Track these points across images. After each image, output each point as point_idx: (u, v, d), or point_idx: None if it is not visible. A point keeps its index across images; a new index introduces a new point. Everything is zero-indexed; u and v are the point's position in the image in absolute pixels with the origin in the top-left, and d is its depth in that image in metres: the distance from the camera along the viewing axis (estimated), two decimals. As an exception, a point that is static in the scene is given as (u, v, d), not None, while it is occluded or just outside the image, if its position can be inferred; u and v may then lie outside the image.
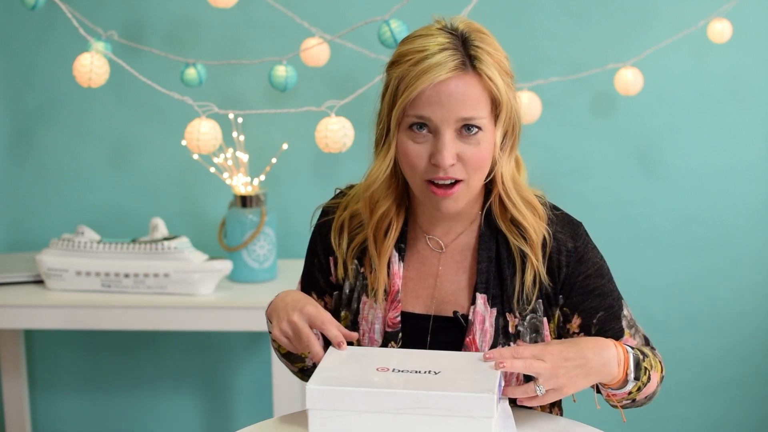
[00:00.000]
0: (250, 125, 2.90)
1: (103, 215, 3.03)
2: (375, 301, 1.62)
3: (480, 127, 1.51)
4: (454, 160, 1.50)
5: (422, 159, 1.52)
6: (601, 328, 1.62)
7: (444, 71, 1.49)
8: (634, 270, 3.00)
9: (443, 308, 1.62)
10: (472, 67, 1.50)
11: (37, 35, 2.95)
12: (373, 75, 2.59)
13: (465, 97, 1.49)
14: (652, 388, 1.59)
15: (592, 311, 1.61)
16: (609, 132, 2.95)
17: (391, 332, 1.61)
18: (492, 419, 1.35)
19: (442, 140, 1.50)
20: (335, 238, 1.68)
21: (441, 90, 1.49)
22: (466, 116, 1.50)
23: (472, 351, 1.57)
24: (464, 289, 1.62)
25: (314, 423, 1.39)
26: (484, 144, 1.52)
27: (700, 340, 3.05)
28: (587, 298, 1.61)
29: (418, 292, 1.64)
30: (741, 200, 2.98)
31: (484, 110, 1.51)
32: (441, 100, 1.49)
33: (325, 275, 1.72)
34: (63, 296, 2.66)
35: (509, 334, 1.59)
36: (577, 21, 2.89)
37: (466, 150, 1.51)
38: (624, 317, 1.64)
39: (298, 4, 2.81)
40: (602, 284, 1.62)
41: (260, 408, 3.12)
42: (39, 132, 3.01)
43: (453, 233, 1.64)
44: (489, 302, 1.59)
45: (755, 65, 2.91)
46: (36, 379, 3.15)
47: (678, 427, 3.09)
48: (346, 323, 1.66)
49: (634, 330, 1.64)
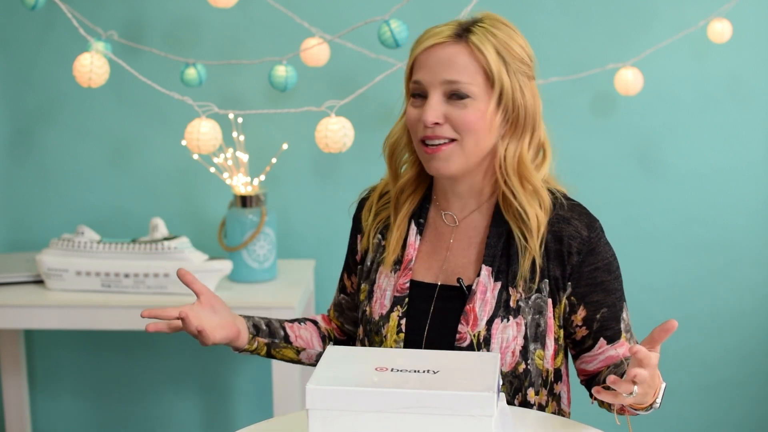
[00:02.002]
0: (250, 125, 2.90)
1: (103, 215, 3.03)
2: (391, 271, 1.73)
3: (468, 94, 1.62)
4: (437, 119, 1.62)
5: (417, 121, 1.65)
6: (603, 325, 1.66)
7: (436, 38, 1.63)
8: (634, 270, 2.99)
9: (451, 278, 1.70)
10: (465, 40, 1.62)
11: (37, 35, 2.95)
12: (373, 75, 2.60)
13: (451, 61, 1.62)
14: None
15: (597, 305, 1.65)
16: (609, 132, 2.95)
17: (399, 297, 1.71)
18: (492, 418, 1.35)
19: (429, 101, 1.63)
20: (366, 213, 1.81)
21: (430, 54, 1.63)
22: (450, 79, 1.61)
23: (471, 319, 1.64)
24: (472, 262, 1.70)
25: (314, 423, 1.39)
26: (472, 109, 1.62)
27: (700, 340, 3.05)
28: (594, 290, 1.65)
29: (430, 263, 1.73)
30: (741, 200, 2.98)
31: (472, 78, 1.62)
32: (428, 63, 1.63)
33: (353, 254, 1.84)
34: (63, 296, 2.66)
35: (510, 308, 1.64)
36: (577, 21, 2.90)
37: (453, 111, 1.62)
38: (623, 320, 1.68)
39: (298, 4, 2.81)
40: (609, 280, 1.66)
41: (260, 408, 3.12)
42: (39, 132, 3.01)
43: (467, 210, 1.73)
44: (493, 275, 1.66)
45: (755, 65, 2.91)
46: (36, 379, 3.15)
47: (678, 427, 3.09)
48: (364, 295, 1.77)
49: (629, 335, 1.68)
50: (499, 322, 1.64)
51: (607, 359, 1.67)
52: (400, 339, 1.69)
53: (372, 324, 1.73)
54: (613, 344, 1.67)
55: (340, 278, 1.90)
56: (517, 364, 1.63)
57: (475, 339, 1.64)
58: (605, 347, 1.67)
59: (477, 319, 1.64)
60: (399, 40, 2.44)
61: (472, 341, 1.64)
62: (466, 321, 1.64)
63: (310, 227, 3.01)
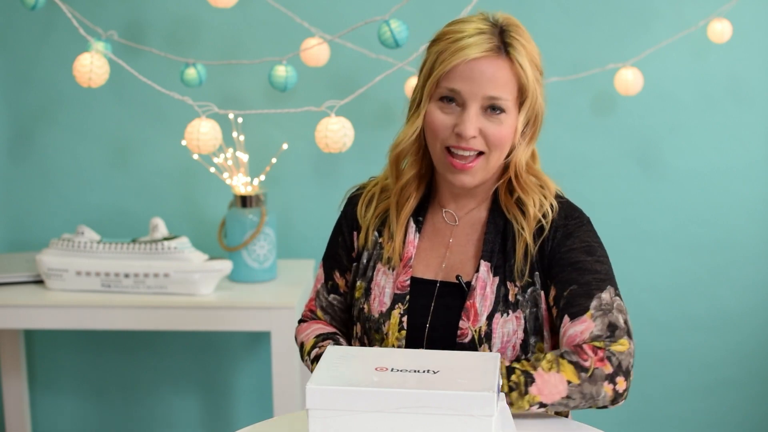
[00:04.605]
0: (250, 125, 2.90)
1: (103, 215, 3.03)
2: (389, 268, 1.73)
3: (504, 109, 1.64)
4: (475, 133, 1.63)
5: (446, 128, 1.65)
6: (568, 302, 1.62)
7: (479, 50, 1.63)
8: (634, 270, 3.00)
9: (450, 275, 1.72)
10: (506, 53, 1.64)
11: (37, 35, 2.95)
12: (373, 75, 2.59)
13: (494, 77, 1.63)
14: (557, 388, 1.52)
15: (566, 283, 1.63)
16: (609, 132, 2.95)
17: (400, 294, 1.72)
18: (492, 418, 1.35)
19: (468, 113, 1.63)
20: (362, 210, 1.80)
21: (474, 67, 1.63)
22: (493, 95, 1.63)
23: (471, 314, 1.65)
24: (471, 258, 1.72)
25: (314, 423, 1.39)
26: (506, 125, 1.65)
27: (700, 340, 3.05)
28: (565, 269, 1.65)
29: (429, 260, 1.74)
30: (741, 200, 2.98)
31: (510, 94, 1.65)
32: (472, 76, 1.63)
33: (348, 252, 1.82)
34: (63, 296, 2.66)
35: (509, 302, 1.66)
36: (577, 21, 2.89)
37: (489, 126, 1.64)
38: (599, 299, 1.60)
39: (298, 4, 2.81)
40: (586, 260, 1.65)
41: (260, 408, 3.12)
42: (39, 132, 3.01)
43: (466, 208, 1.75)
44: (492, 270, 1.68)
45: (755, 65, 2.91)
46: (36, 379, 3.15)
47: (678, 427, 3.09)
48: (360, 293, 1.77)
49: (601, 314, 1.59)
50: (499, 316, 1.65)
51: (569, 340, 1.59)
52: (402, 336, 1.69)
53: (372, 322, 1.73)
54: (574, 321, 1.59)
55: (325, 278, 1.86)
56: (518, 358, 1.63)
57: (477, 334, 1.64)
58: (567, 324, 1.60)
59: (477, 315, 1.65)
60: (399, 40, 2.43)
61: (474, 337, 1.64)
62: (467, 317, 1.66)
63: (310, 227, 3.01)
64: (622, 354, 1.55)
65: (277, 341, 2.62)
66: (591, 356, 1.54)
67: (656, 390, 3.05)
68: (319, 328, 1.83)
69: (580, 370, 1.53)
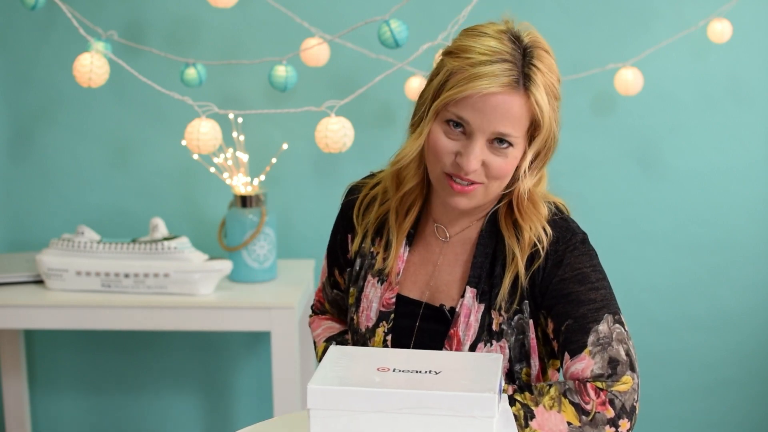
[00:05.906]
0: (250, 125, 2.90)
1: (103, 215, 3.02)
2: (378, 281, 1.69)
3: (512, 144, 1.55)
4: (478, 167, 1.55)
5: (449, 154, 1.56)
6: (566, 339, 1.57)
7: (496, 84, 1.52)
8: (634, 270, 3.00)
9: (435, 297, 1.67)
10: (524, 87, 1.54)
11: (37, 35, 2.95)
12: (373, 75, 2.59)
13: (508, 114, 1.53)
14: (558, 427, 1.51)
15: (562, 317, 1.58)
16: (609, 132, 2.95)
17: (385, 312, 1.68)
18: (493, 419, 1.35)
19: (473, 145, 1.54)
20: (358, 215, 1.74)
21: (487, 101, 1.53)
22: (503, 132, 1.54)
23: (454, 343, 1.62)
24: (457, 281, 1.67)
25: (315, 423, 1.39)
26: (511, 158, 1.57)
27: (700, 340, 3.05)
28: (559, 302, 1.58)
29: (417, 277, 1.70)
30: (741, 200, 2.98)
31: (521, 130, 1.56)
32: (484, 110, 1.53)
33: (344, 253, 1.79)
34: (63, 296, 2.66)
35: (492, 332, 1.61)
36: (577, 21, 2.89)
37: (493, 160, 1.56)
38: (596, 333, 1.55)
39: (298, 4, 2.81)
40: (578, 291, 1.58)
41: (260, 408, 3.12)
42: (39, 132, 3.01)
43: (459, 226, 1.68)
44: (477, 297, 1.62)
45: (755, 65, 2.91)
46: (36, 379, 3.15)
47: (678, 427, 3.09)
48: (352, 300, 1.73)
49: (599, 349, 1.54)
50: (482, 346, 1.61)
51: (572, 376, 1.56)
52: None
53: (359, 335, 1.72)
54: (574, 359, 1.56)
55: (328, 274, 1.84)
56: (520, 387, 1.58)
57: None
58: (569, 362, 1.56)
59: (460, 343, 1.61)
60: (399, 40, 2.43)
61: None
62: (449, 345, 1.62)
63: (310, 227, 3.01)
64: (625, 394, 1.52)
65: (277, 341, 2.62)
66: (593, 399, 1.51)
67: (656, 390, 3.05)
68: (329, 327, 1.84)
69: (581, 413, 1.50)
